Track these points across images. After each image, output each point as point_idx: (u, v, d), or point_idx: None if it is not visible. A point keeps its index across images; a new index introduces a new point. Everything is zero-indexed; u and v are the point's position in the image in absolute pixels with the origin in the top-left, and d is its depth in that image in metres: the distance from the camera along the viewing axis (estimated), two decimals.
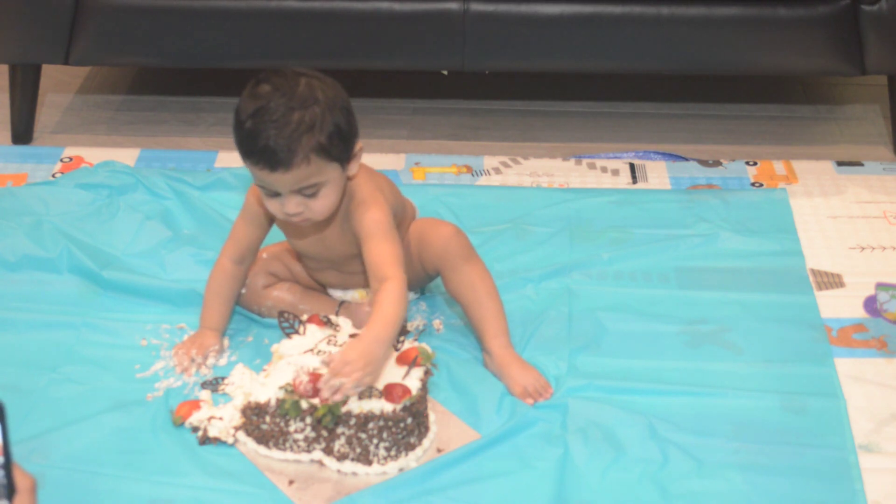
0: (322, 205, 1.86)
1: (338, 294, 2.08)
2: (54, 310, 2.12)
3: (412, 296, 2.13)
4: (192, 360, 1.98)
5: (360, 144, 1.89)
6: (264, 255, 2.08)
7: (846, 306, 2.16)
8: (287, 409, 1.78)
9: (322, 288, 2.10)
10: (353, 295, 2.07)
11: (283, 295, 2.08)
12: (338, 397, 1.74)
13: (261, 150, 1.80)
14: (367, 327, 1.79)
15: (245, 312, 2.10)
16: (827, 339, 2.07)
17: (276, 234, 2.09)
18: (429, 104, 2.93)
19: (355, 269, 2.01)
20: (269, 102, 1.81)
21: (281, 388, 1.81)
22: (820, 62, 2.63)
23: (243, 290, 2.08)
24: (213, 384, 1.94)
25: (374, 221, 1.89)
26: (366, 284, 2.01)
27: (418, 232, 2.03)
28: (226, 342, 2.04)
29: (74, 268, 2.20)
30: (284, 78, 1.83)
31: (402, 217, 2.03)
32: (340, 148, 1.84)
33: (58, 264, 2.21)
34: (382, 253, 1.86)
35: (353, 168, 1.89)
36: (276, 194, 1.86)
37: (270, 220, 2.01)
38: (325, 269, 2.04)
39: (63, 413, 1.89)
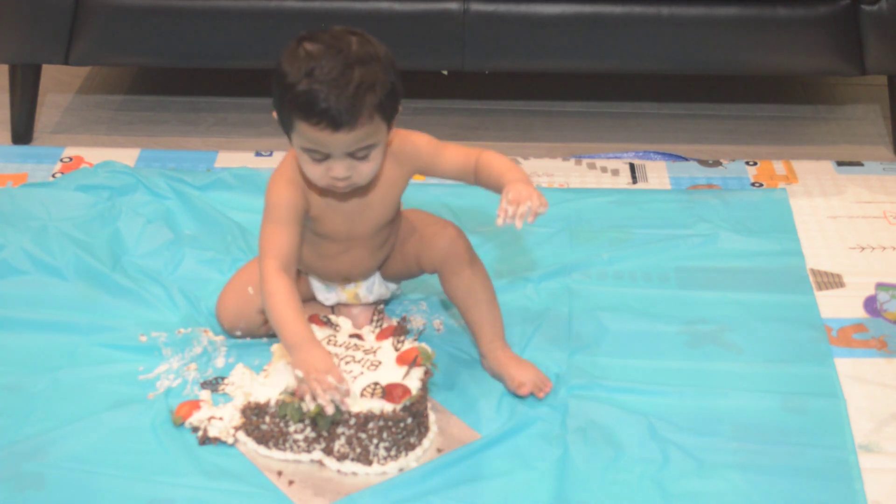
0: (370, 167, 1.82)
1: (328, 297, 2.06)
2: (56, 311, 2.12)
3: (393, 287, 2.10)
4: (338, 388, 1.74)
5: (400, 106, 1.86)
6: (250, 290, 1.99)
7: (846, 306, 2.16)
8: (287, 412, 1.78)
9: (311, 300, 2.08)
10: (342, 296, 2.05)
11: None
12: (523, 210, 1.76)
13: (323, 110, 1.73)
14: (503, 175, 1.84)
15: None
16: (827, 339, 2.07)
17: None
18: (429, 104, 2.93)
19: (381, 240, 1.97)
20: (322, 61, 1.74)
21: (281, 393, 1.80)
22: (820, 62, 2.63)
23: (238, 333, 2.03)
24: (213, 384, 1.95)
25: (426, 142, 1.93)
26: (385, 261, 2.02)
27: (418, 230, 2.00)
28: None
29: (80, 272, 2.20)
30: (333, 36, 1.78)
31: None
32: (393, 106, 1.81)
33: (63, 268, 2.21)
34: (455, 152, 1.92)
35: (394, 128, 1.86)
36: (324, 158, 1.79)
37: (303, 215, 1.88)
38: (347, 251, 1.95)
39: (63, 413, 1.89)
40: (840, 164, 2.64)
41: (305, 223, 1.91)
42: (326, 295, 2.05)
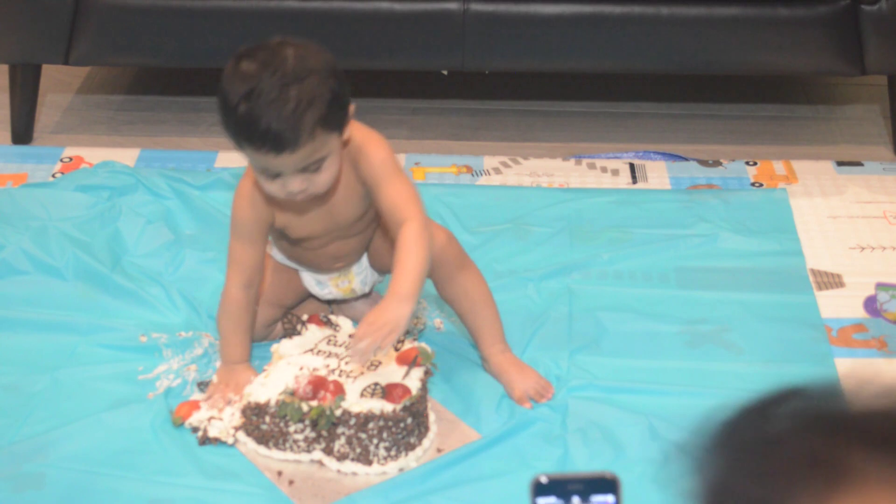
0: (326, 178, 1.78)
1: (322, 292, 2.05)
2: (56, 311, 2.12)
3: (373, 275, 2.07)
4: (230, 402, 1.89)
5: (352, 106, 1.80)
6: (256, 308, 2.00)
7: (846, 306, 2.16)
8: (287, 412, 1.78)
9: (307, 297, 2.08)
10: (334, 293, 2.04)
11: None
12: (363, 360, 1.72)
13: (262, 134, 1.69)
14: (391, 284, 1.75)
15: None
16: (827, 339, 2.07)
17: None
18: (429, 104, 2.93)
19: (359, 229, 1.95)
20: (259, 82, 1.69)
21: (281, 393, 1.80)
22: (820, 62, 2.63)
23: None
24: (209, 385, 1.94)
25: (379, 161, 1.82)
26: (372, 241, 1.98)
27: None
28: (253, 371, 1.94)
29: (80, 272, 2.20)
30: (269, 51, 1.72)
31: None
32: (339, 115, 1.75)
33: (63, 269, 2.21)
34: (394, 194, 1.81)
35: (347, 132, 1.80)
36: (276, 176, 1.77)
37: (267, 229, 1.91)
38: (329, 244, 1.95)
39: (63, 413, 1.89)
40: (840, 164, 2.63)
41: (279, 230, 1.92)
42: (320, 291, 2.05)
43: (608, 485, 0.93)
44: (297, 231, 1.92)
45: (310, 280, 2.04)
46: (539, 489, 0.93)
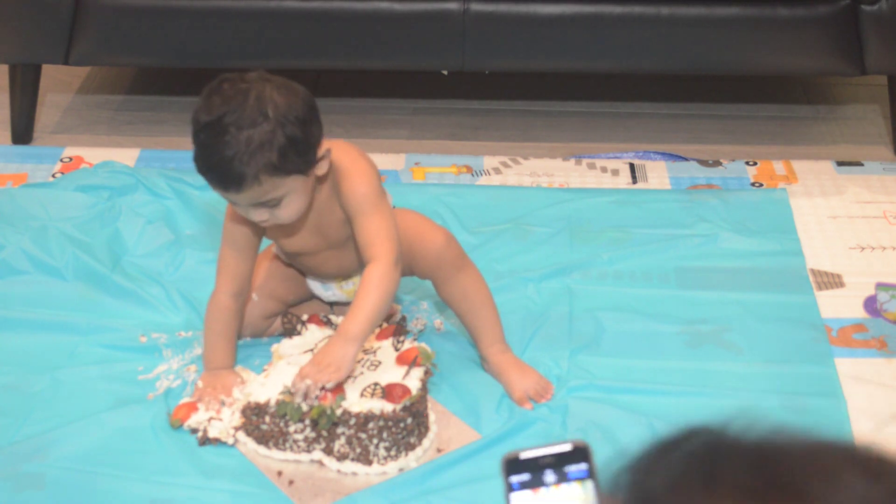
0: (288, 212, 1.79)
1: (326, 293, 2.05)
2: (56, 311, 2.12)
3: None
4: (223, 403, 1.90)
5: (324, 147, 1.80)
6: (255, 297, 2.02)
7: (846, 306, 2.16)
8: (287, 412, 1.78)
9: (310, 297, 2.08)
10: (339, 294, 2.04)
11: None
12: (308, 401, 1.76)
13: (211, 168, 1.73)
14: (344, 320, 1.79)
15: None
16: (827, 339, 2.06)
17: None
18: (429, 104, 2.93)
19: (355, 243, 1.94)
20: (219, 118, 1.72)
21: (282, 392, 1.80)
22: (820, 62, 2.63)
23: (247, 338, 2.04)
24: None
25: (360, 195, 1.83)
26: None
27: (408, 236, 1.94)
28: (240, 373, 1.95)
29: (80, 272, 2.20)
30: (236, 90, 1.74)
31: None
32: (296, 161, 1.74)
33: (63, 269, 2.21)
34: (369, 231, 1.82)
35: (321, 168, 1.80)
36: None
37: (258, 239, 1.93)
38: (326, 260, 1.96)
39: (63, 413, 1.89)
40: (840, 164, 2.63)
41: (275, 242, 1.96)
42: (325, 293, 2.05)
43: (580, 454, 0.93)
44: (289, 246, 1.94)
45: (314, 282, 2.04)
46: (510, 467, 0.93)
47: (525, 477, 0.93)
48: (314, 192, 1.84)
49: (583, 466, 0.93)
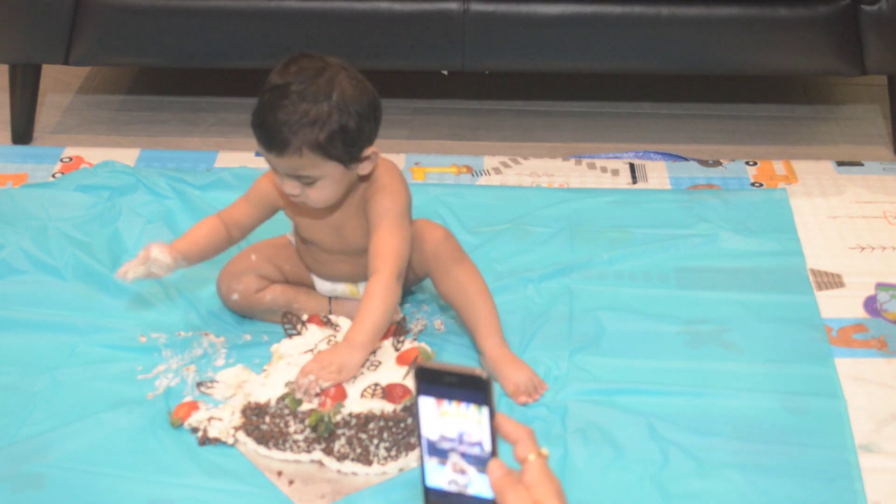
0: (318, 195, 1.87)
1: (326, 288, 2.06)
2: (55, 311, 2.12)
3: None
4: (137, 257, 1.95)
5: (372, 149, 1.88)
6: (253, 257, 2.07)
7: (846, 306, 2.16)
8: (287, 400, 1.79)
9: (310, 287, 2.09)
10: (344, 289, 2.05)
11: (276, 297, 2.07)
12: (307, 397, 1.78)
13: (260, 125, 1.83)
14: (350, 329, 1.84)
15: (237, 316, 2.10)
16: (827, 339, 2.07)
17: (275, 228, 2.08)
18: (429, 104, 2.93)
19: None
20: (287, 84, 1.81)
21: (286, 385, 1.81)
22: (820, 62, 2.63)
23: (235, 297, 2.06)
24: (206, 385, 1.94)
25: (384, 209, 1.90)
26: None
27: None
28: (171, 256, 1.96)
29: (79, 272, 2.20)
30: (313, 66, 1.84)
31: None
32: (342, 149, 1.84)
33: (63, 269, 2.21)
34: (381, 243, 1.89)
35: (364, 168, 1.89)
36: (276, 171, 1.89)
37: (273, 208, 2.01)
38: (338, 262, 2.02)
39: (63, 413, 1.89)
40: (840, 164, 2.63)
41: (293, 223, 2.02)
42: (326, 287, 2.07)
43: (482, 383, 1.06)
44: (304, 231, 2.00)
45: (318, 277, 2.06)
46: (421, 374, 1.07)
47: (433, 387, 1.08)
48: (348, 191, 1.91)
49: (481, 395, 1.06)
